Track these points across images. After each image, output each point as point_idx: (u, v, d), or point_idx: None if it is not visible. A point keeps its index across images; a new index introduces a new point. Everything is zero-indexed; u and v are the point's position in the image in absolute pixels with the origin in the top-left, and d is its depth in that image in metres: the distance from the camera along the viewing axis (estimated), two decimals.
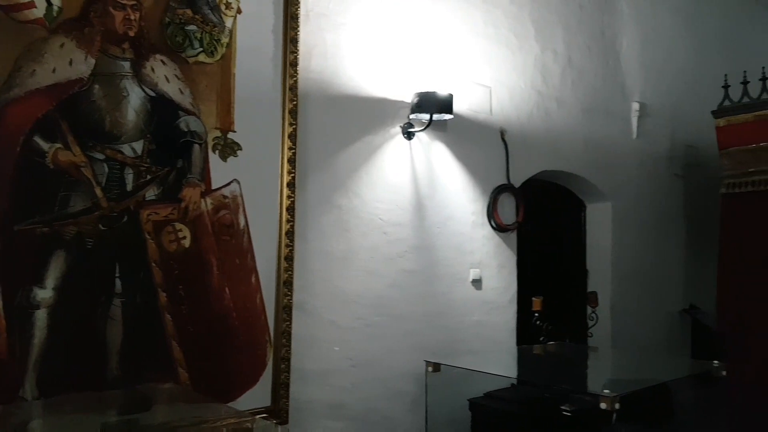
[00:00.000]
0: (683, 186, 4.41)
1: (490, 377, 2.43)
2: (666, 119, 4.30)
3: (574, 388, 2.19)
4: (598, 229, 4.02)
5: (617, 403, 1.80)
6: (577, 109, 3.78)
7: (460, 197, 3.20)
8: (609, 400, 1.80)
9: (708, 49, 4.65)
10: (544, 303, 3.42)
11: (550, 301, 3.66)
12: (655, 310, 4.20)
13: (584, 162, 3.81)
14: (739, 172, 3.38)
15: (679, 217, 4.38)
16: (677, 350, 4.22)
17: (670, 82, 4.36)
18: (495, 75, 3.37)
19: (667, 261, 4.31)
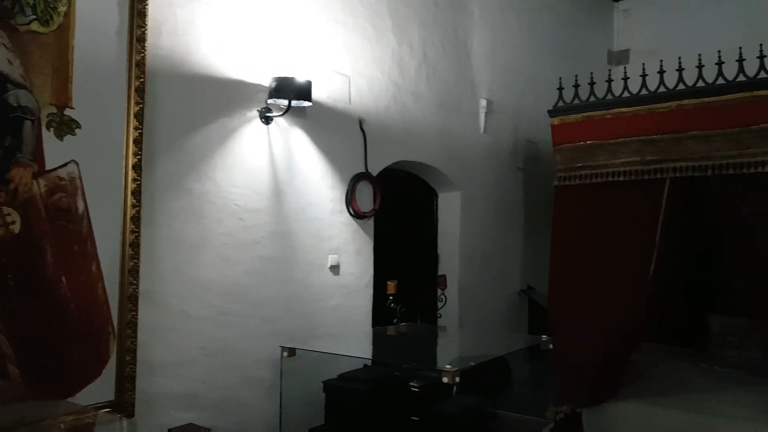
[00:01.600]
0: (524, 178, 4.82)
1: (344, 359, 2.51)
2: (510, 116, 4.67)
3: (419, 365, 2.33)
4: (448, 216, 4.27)
5: (457, 377, 1.96)
6: (432, 103, 3.98)
7: (319, 184, 3.23)
8: (450, 374, 1.95)
9: (548, 52, 5.11)
10: (399, 286, 3.59)
11: (404, 285, 3.84)
12: (498, 291, 4.57)
13: (437, 153, 4.02)
14: (569, 167, 3.77)
15: (519, 206, 4.79)
16: (516, 327, 4.62)
17: (515, 81, 4.73)
18: (354, 65, 3.44)
19: (509, 246, 4.70)
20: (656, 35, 5.54)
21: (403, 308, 3.56)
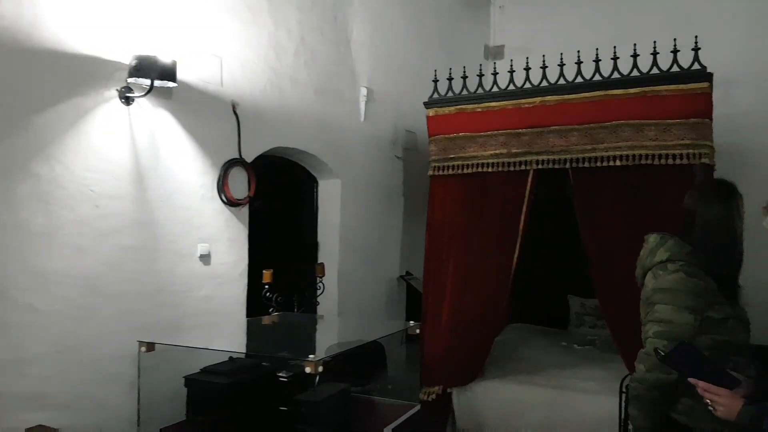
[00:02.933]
0: (403, 166, 4.92)
1: (210, 352, 2.42)
2: (390, 105, 4.73)
3: (280, 356, 2.31)
4: (328, 203, 4.27)
5: (320, 366, 1.96)
6: (310, 89, 3.93)
7: (187, 169, 3.09)
8: (312, 364, 1.94)
9: (429, 44, 5.22)
10: (276, 275, 3.53)
11: (284, 273, 3.79)
12: (378, 277, 4.65)
13: (317, 140, 3.99)
14: (443, 157, 3.89)
15: (399, 194, 4.89)
16: (395, 312, 4.73)
17: (395, 71, 4.80)
18: (227, 46, 3.31)
19: (389, 233, 4.79)
20: (529, 32, 5.84)
21: (279, 297, 3.51)
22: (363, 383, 3.30)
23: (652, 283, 2.02)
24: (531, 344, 4.59)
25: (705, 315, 1.92)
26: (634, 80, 3.36)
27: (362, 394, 2.85)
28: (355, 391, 2.79)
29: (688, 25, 4.93)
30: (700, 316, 1.91)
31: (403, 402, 2.60)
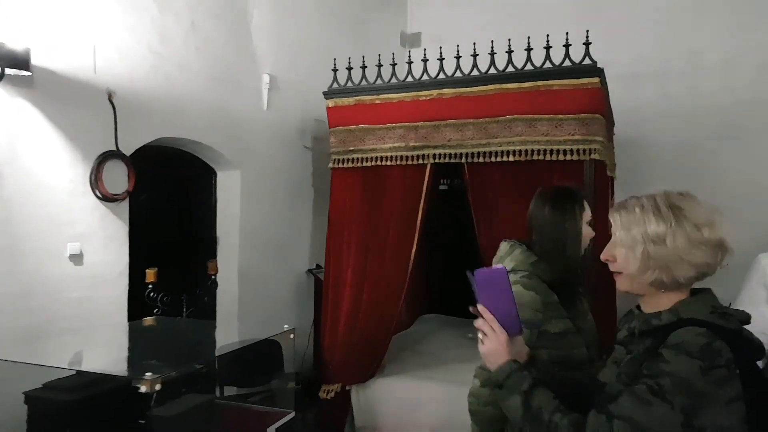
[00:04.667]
0: (313, 157, 4.79)
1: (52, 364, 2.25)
2: (297, 93, 4.57)
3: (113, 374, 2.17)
4: (228, 196, 4.10)
5: (158, 384, 1.83)
6: (204, 76, 3.74)
7: (54, 163, 2.87)
8: (149, 383, 1.82)
9: (340, 30, 5.08)
10: (167, 274, 3.36)
11: (177, 272, 3.62)
12: (284, 272, 4.52)
13: (212, 130, 3.81)
14: (343, 150, 3.78)
15: (308, 185, 4.76)
16: (303, 308, 4.63)
17: (303, 58, 4.64)
18: (101, 32, 3.08)
19: (297, 226, 4.66)
20: (445, 20, 5.77)
21: (166, 297, 3.35)
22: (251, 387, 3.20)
23: None
24: (437, 337, 4.58)
25: (542, 329, 1.89)
26: (528, 74, 3.33)
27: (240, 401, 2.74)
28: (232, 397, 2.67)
29: (595, 19, 5.01)
30: (536, 330, 1.87)
31: (276, 409, 2.50)
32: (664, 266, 1.28)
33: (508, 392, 1.36)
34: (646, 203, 1.33)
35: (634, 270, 1.32)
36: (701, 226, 1.27)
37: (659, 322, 1.28)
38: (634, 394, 1.20)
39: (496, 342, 1.40)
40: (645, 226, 1.30)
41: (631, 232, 1.32)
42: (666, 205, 1.30)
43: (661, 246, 1.27)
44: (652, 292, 1.34)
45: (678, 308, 1.29)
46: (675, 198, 1.32)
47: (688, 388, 1.15)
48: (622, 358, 1.37)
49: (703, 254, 1.26)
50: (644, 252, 1.29)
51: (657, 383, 1.17)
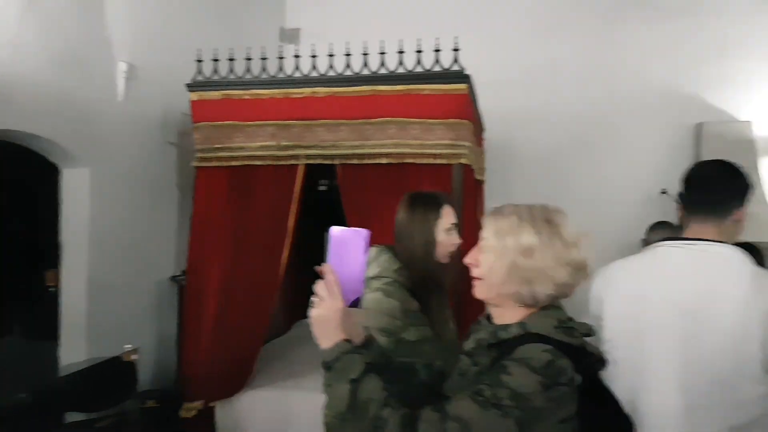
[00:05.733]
0: (178, 154, 4.44)
1: None
2: (161, 84, 4.21)
3: None
4: (75, 197, 3.66)
5: None
6: (45, 60, 3.30)
7: None
8: None
9: (210, 18, 4.77)
10: None
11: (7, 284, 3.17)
12: (145, 279, 4.15)
13: (54, 122, 3.37)
14: (209, 147, 3.52)
15: (172, 185, 4.41)
16: (166, 316, 4.28)
17: (167, 46, 4.28)
18: None
19: (160, 229, 4.31)
20: (325, 17, 5.65)
21: None
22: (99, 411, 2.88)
23: None
24: (312, 343, 4.43)
25: (400, 337, 1.85)
26: (400, 77, 3.30)
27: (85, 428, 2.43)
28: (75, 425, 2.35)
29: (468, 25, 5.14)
30: (394, 338, 1.83)
31: None
32: (527, 280, 1.25)
33: (336, 377, 1.24)
34: (523, 213, 1.29)
35: (497, 279, 1.28)
36: (570, 245, 1.25)
37: (507, 335, 1.26)
38: (472, 397, 1.16)
39: (330, 309, 1.27)
40: (518, 237, 1.26)
41: (503, 240, 1.27)
42: (542, 219, 1.27)
43: (530, 259, 1.24)
44: (507, 304, 1.30)
45: (527, 322, 1.27)
46: (552, 213, 1.29)
47: (526, 403, 1.13)
48: (468, 369, 1.34)
49: (566, 274, 1.25)
50: (512, 263, 1.25)
51: (495, 394, 1.14)
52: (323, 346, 1.28)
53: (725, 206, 1.73)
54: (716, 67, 5.36)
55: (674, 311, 1.67)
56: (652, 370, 1.70)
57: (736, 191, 1.75)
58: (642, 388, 1.70)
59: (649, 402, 1.69)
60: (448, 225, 2.01)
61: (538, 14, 5.57)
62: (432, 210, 2.00)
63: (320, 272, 1.29)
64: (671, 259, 1.73)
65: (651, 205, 5.23)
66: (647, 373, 1.70)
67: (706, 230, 1.73)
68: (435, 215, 1.99)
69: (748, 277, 1.66)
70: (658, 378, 1.69)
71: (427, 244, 1.95)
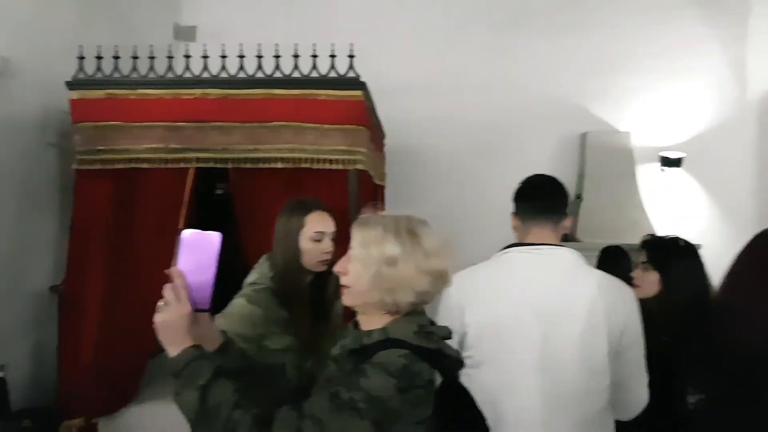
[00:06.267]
0: (59, 155, 4.15)
1: None
2: (38, 81, 3.91)
3: None
4: None
5: None
6: None
7: None
8: None
9: (95, 12, 4.50)
10: None
11: None
12: (19, 290, 3.84)
13: None
14: (90, 149, 3.32)
15: (52, 188, 4.11)
16: (44, 331, 3.98)
17: (46, 40, 3.99)
18: None
19: (38, 235, 3.99)
20: (224, 15, 5.51)
21: None
22: None
23: None
24: None
25: (262, 344, 1.85)
26: (295, 82, 3.27)
27: None
28: None
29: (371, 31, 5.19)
30: (255, 344, 1.82)
31: None
32: (390, 289, 1.30)
33: (184, 385, 1.21)
34: (388, 224, 1.35)
35: (363, 287, 1.32)
36: (431, 255, 1.31)
37: (369, 341, 1.30)
38: (329, 398, 1.19)
39: (176, 314, 1.25)
40: (383, 247, 1.31)
41: (368, 249, 1.32)
42: (405, 230, 1.33)
43: (393, 269, 1.29)
44: (372, 311, 1.36)
45: (388, 328, 1.32)
46: (415, 224, 1.36)
47: (382, 405, 1.17)
48: (334, 375, 1.37)
49: (426, 282, 1.31)
50: (377, 272, 1.29)
51: (352, 397, 1.17)
52: (170, 353, 1.24)
53: (560, 213, 1.90)
54: (600, 81, 5.75)
55: (530, 313, 1.78)
56: (513, 370, 1.80)
57: (566, 200, 1.94)
58: (504, 387, 1.79)
59: (511, 400, 1.78)
60: (311, 233, 2.00)
61: (439, 24, 5.73)
62: (295, 217, 2.00)
63: (169, 275, 1.24)
64: (522, 264, 1.84)
65: None
66: (509, 374, 1.79)
67: (546, 235, 1.87)
68: (298, 223, 2.00)
69: (591, 276, 1.82)
70: (519, 378, 1.79)
71: (287, 251, 1.96)
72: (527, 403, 1.77)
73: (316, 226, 2.02)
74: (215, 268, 1.28)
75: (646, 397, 1.91)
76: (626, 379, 1.85)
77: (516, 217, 1.96)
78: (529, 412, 1.76)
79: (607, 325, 1.79)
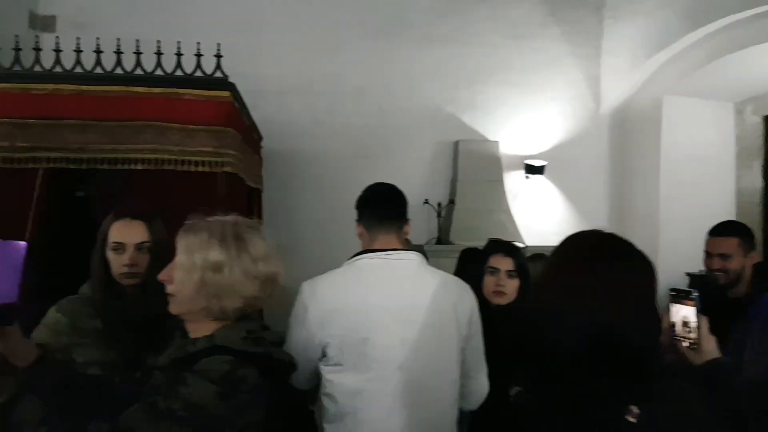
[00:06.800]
0: None
1: None
2: None
3: None
4: None
5: None
6: None
7: None
8: None
9: None
10: None
11: None
12: None
13: None
14: None
15: None
16: None
17: None
18: None
19: None
20: (87, 6, 5.18)
21: None
22: None
23: None
24: None
25: (70, 356, 1.76)
26: (157, 79, 3.16)
27: None
28: None
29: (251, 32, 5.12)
30: (61, 354, 1.74)
31: None
32: (216, 295, 1.29)
33: None
34: (214, 230, 1.33)
35: (187, 295, 1.30)
36: (258, 259, 1.32)
37: (194, 349, 1.29)
38: (145, 408, 1.17)
39: None
40: (207, 253, 1.29)
41: (192, 256, 1.30)
42: (232, 235, 1.32)
43: (219, 274, 1.29)
44: (199, 319, 1.34)
45: (215, 335, 1.31)
46: (242, 229, 1.35)
47: (202, 412, 1.17)
48: (160, 384, 1.34)
49: (255, 287, 1.32)
50: (201, 278, 1.28)
51: (169, 406, 1.16)
52: None
53: (403, 219, 2.00)
54: (471, 91, 6.07)
55: (388, 317, 1.84)
56: (374, 373, 1.83)
57: (406, 207, 2.03)
58: (366, 390, 1.83)
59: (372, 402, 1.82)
60: (110, 243, 1.93)
61: (319, 29, 5.76)
62: (104, 225, 1.94)
63: None
64: (376, 270, 1.90)
65: (416, 213, 5.70)
66: (369, 377, 1.82)
67: (392, 241, 1.95)
68: (104, 232, 1.93)
69: (436, 276, 1.94)
70: (380, 380, 1.83)
71: (93, 262, 1.90)
72: (387, 404, 1.82)
73: (115, 236, 1.91)
74: (20, 278, 1.21)
75: (486, 385, 2.06)
76: (470, 366, 1.98)
77: (361, 224, 2.01)
78: (389, 411, 1.81)
79: (456, 317, 1.91)
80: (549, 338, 1.17)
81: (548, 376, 1.18)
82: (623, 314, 1.13)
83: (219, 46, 3.21)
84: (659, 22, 5.70)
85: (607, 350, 1.12)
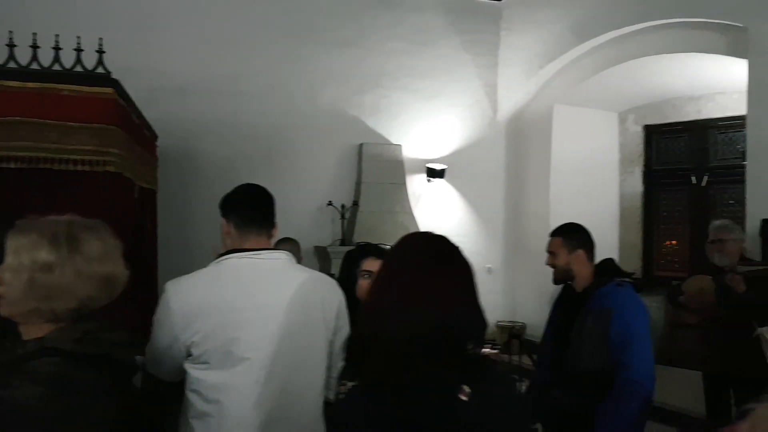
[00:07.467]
0: None
1: None
2: None
3: None
4: None
5: None
6: None
7: None
8: None
9: None
10: None
11: None
12: None
13: None
14: None
15: None
16: None
17: None
18: None
19: None
20: None
21: None
22: None
23: None
24: None
25: None
26: (32, 74, 3.00)
27: None
28: None
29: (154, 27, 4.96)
30: None
31: None
32: (46, 296, 1.26)
33: None
34: (44, 230, 1.29)
35: (16, 297, 1.27)
36: (92, 259, 1.29)
37: (23, 351, 1.26)
38: None
39: None
40: (35, 253, 1.26)
41: (20, 257, 1.26)
42: (64, 235, 1.29)
43: (49, 275, 1.26)
44: (31, 321, 1.31)
45: (46, 336, 1.28)
46: (77, 229, 1.32)
47: (27, 415, 1.15)
48: None
49: (91, 287, 1.29)
50: (29, 279, 1.25)
51: None
52: None
53: (272, 221, 2.03)
54: (374, 95, 6.18)
55: (257, 315, 1.86)
56: (241, 370, 1.84)
57: (274, 209, 2.06)
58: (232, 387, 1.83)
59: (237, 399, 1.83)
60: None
61: (225, 29, 5.67)
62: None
63: None
64: (245, 270, 1.92)
65: (320, 214, 5.76)
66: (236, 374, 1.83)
67: (262, 241, 1.99)
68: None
69: (304, 273, 2.00)
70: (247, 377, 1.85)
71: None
72: (253, 398, 1.84)
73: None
74: None
75: None
76: (335, 358, 2.04)
77: (230, 224, 2.01)
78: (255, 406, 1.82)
79: (323, 311, 1.97)
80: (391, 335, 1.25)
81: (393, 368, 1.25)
82: (453, 310, 1.24)
83: (101, 41, 3.11)
84: (552, 34, 6.07)
85: (440, 342, 1.23)
